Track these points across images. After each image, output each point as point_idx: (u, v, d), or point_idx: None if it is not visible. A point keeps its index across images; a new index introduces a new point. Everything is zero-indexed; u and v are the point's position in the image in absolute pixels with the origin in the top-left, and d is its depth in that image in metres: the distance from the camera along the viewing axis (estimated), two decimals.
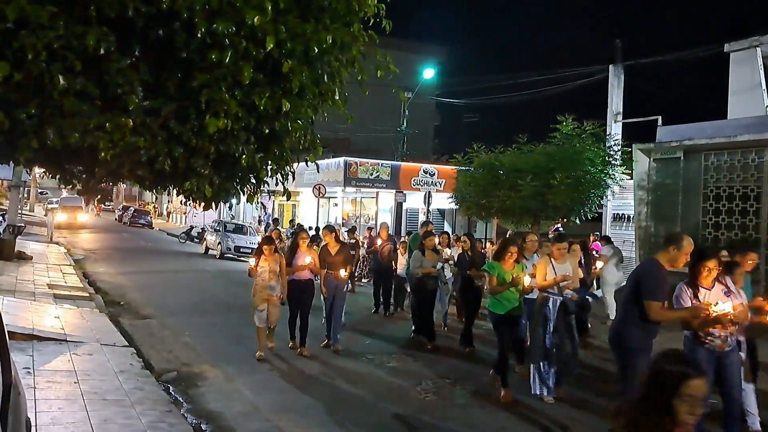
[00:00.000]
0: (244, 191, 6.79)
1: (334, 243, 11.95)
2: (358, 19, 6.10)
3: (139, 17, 4.88)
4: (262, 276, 10.93)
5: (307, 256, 11.34)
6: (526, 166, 19.48)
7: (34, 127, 4.96)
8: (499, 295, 9.29)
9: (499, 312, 9.29)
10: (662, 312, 6.67)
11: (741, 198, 14.94)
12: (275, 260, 11.03)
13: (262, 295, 10.91)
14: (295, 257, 11.38)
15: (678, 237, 6.87)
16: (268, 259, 10.96)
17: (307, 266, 11.30)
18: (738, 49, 18.31)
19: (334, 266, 11.69)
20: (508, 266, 9.40)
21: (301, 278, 11.40)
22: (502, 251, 9.53)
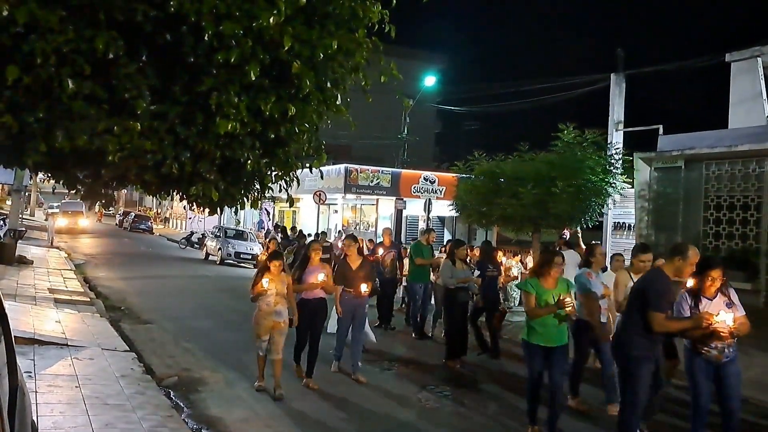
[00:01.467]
0: (249, 197, 6.81)
1: (356, 255, 10.53)
2: (363, 25, 6.13)
3: (147, 22, 4.92)
4: (267, 300, 9.04)
5: (320, 273, 9.72)
6: (527, 174, 19.46)
7: (42, 130, 4.99)
8: (537, 321, 7.70)
9: (538, 342, 7.68)
10: (666, 323, 6.65)
11: (741, 207, 14.96)
12: (282, 280, 9.18)
13: (266, 323, 9.07)
14: (305, 273, 9.80)
15: (683, 248, 6.85)
16: (275, 280, 9.08)
17: (319, 284, 9.72)
18: (739, 59, 18.34)
19: (355, 282, 10.19)
20: (549, 284, 7.84)
21: (312, 297, 9.78)
22: (545, 265, 7.91)
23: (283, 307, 9.19)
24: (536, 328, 7.68)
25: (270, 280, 9.05)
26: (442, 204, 29.44)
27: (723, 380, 6.75)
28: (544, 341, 7.65)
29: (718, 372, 6.74)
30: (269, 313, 9.07)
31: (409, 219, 34.14)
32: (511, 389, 9.99)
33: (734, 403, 6.80)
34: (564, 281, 8.01)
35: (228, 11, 4.90)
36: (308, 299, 9.77)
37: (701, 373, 6.76)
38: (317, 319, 9.96)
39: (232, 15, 4.91)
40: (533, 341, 7.71)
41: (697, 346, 6.76)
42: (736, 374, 6.81)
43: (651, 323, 6.57)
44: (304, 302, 9.72)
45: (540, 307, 7.66)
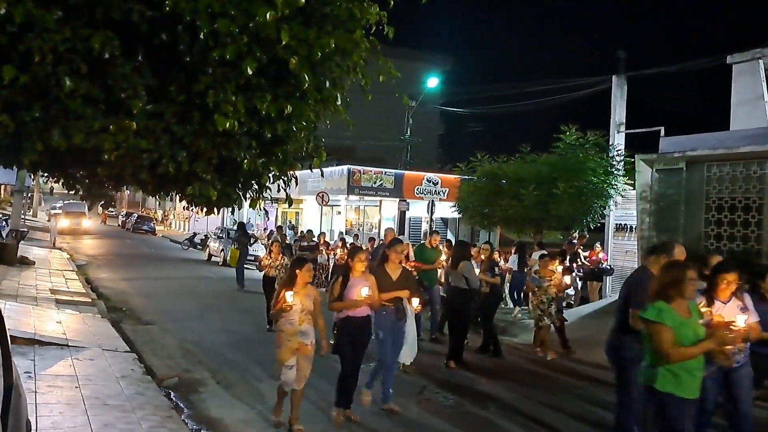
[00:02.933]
0: (246, 197, 6.82)
1: (396, 264, 8.88)
2: (360, 26, 6.14)
3: (143, 21, 4.93)
4: (291, 319, 7.61)
5: (364, 286, 8.07)
6: (529, 176, 19.49)
7: (39, 129, 5.01)
8: (679, 366, 5.31)
9: (683, 395, 5.32)
10: None
11: (743, 209, 14.90)
12: (309, 294, 7.77)
13: (291, 344, 7.65)
14: (348, 287, 8.16)
15: (668, 245, 6.79)
16: (300, 293, 7.65)
17: (365, 300, 8.02)
18: (740, 60, 18.31)
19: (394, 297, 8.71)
20: (683, 310, 5.47)
21: (357, 315, 8.14)
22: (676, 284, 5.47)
23: (310, 327, 7.73)
24: (679, 375, 5.34)
25: (294, 293, 7.59)
26: (445, 205, 29.42)
27: (734, 383, 6.68)
28: (691, 393, 5.39)
29: (729, 375, 6.66)
30: (293, 333, 7.65)
31: (413, 220, 34.13)
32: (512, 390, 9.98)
33: (746, 407, 6.73)
34: (693, 303, 5.78)
35: (223, 10, 4.90)
36: (352, 317, 8.12)
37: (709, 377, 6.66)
38: (361, 340, 8.25)
39: (227, 13, 4.92)
40: (677, 394, 5.34)
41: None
42: (747, 377, 6.74)
43: (633, 322, 6.45)
44: (347, 321, 8.11)
45: (686, 346, 5.32)
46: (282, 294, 7.62)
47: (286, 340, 7.70)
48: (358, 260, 8.26)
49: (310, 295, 7.77)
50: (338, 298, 8.11)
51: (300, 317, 7.63)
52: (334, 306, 8.13)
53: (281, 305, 7.60)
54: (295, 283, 7.66)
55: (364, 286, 8.06)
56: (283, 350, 7.71)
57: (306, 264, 7.87)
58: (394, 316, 8.69)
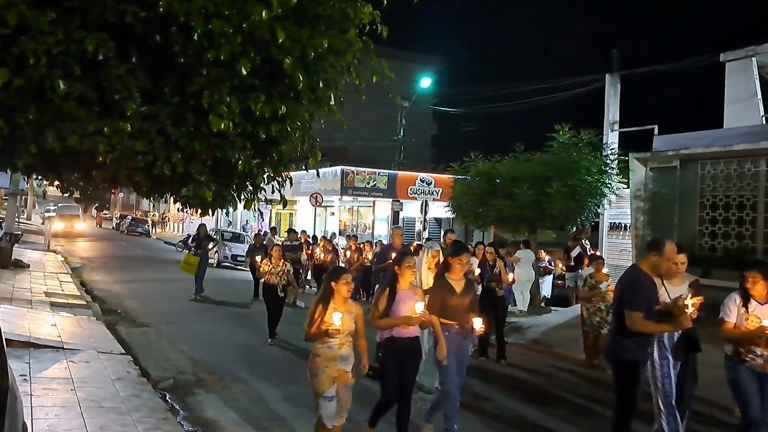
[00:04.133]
0: (241, 198, 6.82)
1: (460, 275, 7.45)
2: (354, 26, 6.14)
3: (137, 23, 4.92)
4: (330, 343, 6.41)
5: (417, 301, 6.93)
6: (522, 175, 19.54)
7: (33, 132, 5.00)
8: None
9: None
10: (643, 322, 6.38)
11: (737, 207, 14.96)
12: (350, 312, 6.53)
13: (329, 372, 6.43)
14: (396, 301, 6.95)
15: (659, 243, 6.66)
16: (341, 308, 6.46)
17: (419, 318, 6.86)
18: (734, 58, 18.38)
19: (458, 313, 7.29)
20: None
21: (405, 335, 6.99)
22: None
23: (350, 350, 6.57)
24: None
25: (332, 307, 6.45)
26: (439, 205, 29.46)
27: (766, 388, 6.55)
28: None
29: (762, 381, 6.53)
30: (332, 358, 6.43)
31: (406, 221, 34.14)
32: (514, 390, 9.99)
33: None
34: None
35: (217, 10, 4.90)
36: (399, 337, 6.97)
37: (748, 381, 6.52)
38: (409, 364, 7.12)
39: (222, 14, 4.92)
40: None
41: (741, 352, 6.54)
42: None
43: (628, 322, 6.36)
44: (394, 342, 6.98)
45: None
46: (319, 312, 6.42)
47: (323, 367, 6.44)
48: (407, 268, 6.99)
49: (352, 312, 6.54)
50: (385, 313, 6.90)
51: (340, 340, 6.43)
52: (382, 323, 6.93)
53: (323, 327, 6.36)
54: (333, 299, 6.46)
55: (415, 300, 6.93)
56: (321, 379, 6.45)
57: (343, 275, 6.57)
58: (459, 336, 7.32)
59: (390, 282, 7.06)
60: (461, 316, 7.24)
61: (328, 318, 6.33)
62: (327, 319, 6.33)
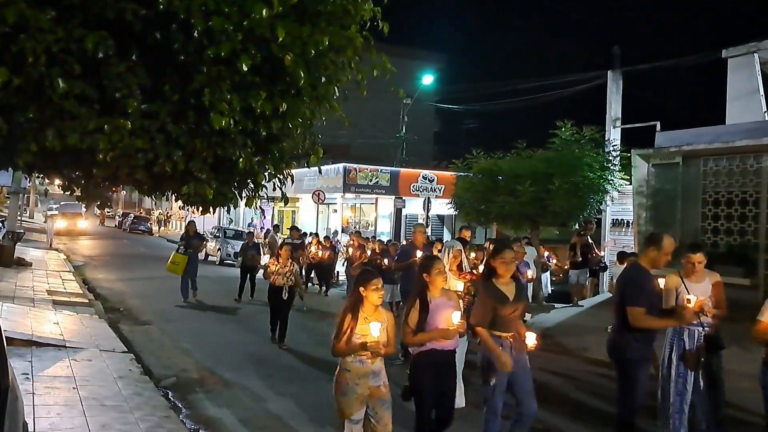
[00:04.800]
0: (242, 196, 6.81)
1: (508, 277, 6.50)
2: (355, 22, 6.13)
3: (137, 20, 4.91)
4: (360, 357, 5.72)
5: (452, 309, 6.13)
6: (525, 172, 19.50)
7: (33, 130, 5.00)
8: None
9: None
10: (645, 318, 6.38)
11: (740, 203, 14.95)
12: (382, 319, 5.81)
13: (360, 390, 5.73)
14: (430, 311, 6.12)
15: (658, 237, 6.67)
16: (372, 317, 5.78)
17: (457, 329, 6.04)
18: (736, 54, 18.34)
19: (512, 323, 6.40)
20: None
21: (442, 348, 6.17)
22: None
23: (382, 364, 5.90)
24: None
25: (362, 316, 5.76)
26: (441, 202, 29.43)
27: None
28: None
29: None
30: (363, 375, 5.73)
31: (409, 218, 34.11)
32: None
33: None
34: None
35: (217, 8, 4.89)
36: (435, 350, 6.13)
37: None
38: (448, 379, 6.33)
39: (222, 11, 4.90)
40: None
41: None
42: None
43: (630, 319, 6.36)
44: (429, 356, 6.14)
45: None
46: (348, 323, 5.74)
47: (353, 384, 5.70)
48: (437, 274, 6.19)
49: (383, 320, 5.79)
50: (419, 328, 6.07)
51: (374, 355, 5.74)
52: (417, 340, 6.08)
53: (357, 340, 5.67)
54: (363, 307, 5.78)
55: (450, 308, 6.13)
56: (350, 399, 5.72)
57: (373, 280, 5.83)
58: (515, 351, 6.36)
59: (420, 291, 6.21)
60: (515, 327, 6.38)
61: (362, 329, 5.66)
62: (359, 330, 5.66)
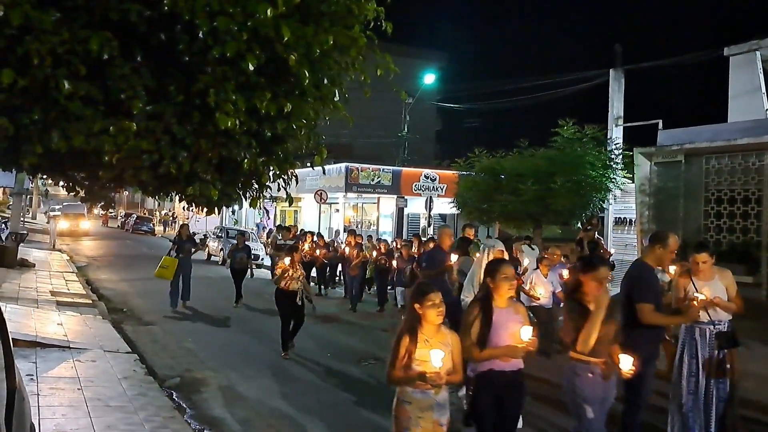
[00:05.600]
0: (247, 196, 6.82)
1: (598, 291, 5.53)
2: (358, 22, 6.14)
3: (141, 22, 4.92)
4: (422, 388, 4.84)
5: (522, 324, 5.28)
6: (527, 171, 19.51)
7: (39, 132, 5.01)
8: None
9: None
10: (654, 314, 6.40)
11: (742, 201, 14.94)
12: (445, 343, 4.92)
13: (424, 423, 4.89)
14: (493, 325, 5.29)
15: (663, 235, 6.69)
16: (433, 339, 4.90)
17: (526, 347, 5.21)
18: (738, 52, 18.34)
19: (601, 347, 5.47)
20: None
21: (506, 369, 5.34)
22: None
23: (447, 394, 5.01)
24: None
25: (422, 338, 4.88)
26: (444, 201, 29.43)
27: None
28: None
29: None
30: (428, 407, 4.88)
31: (411, 217, 34.12)
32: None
33: None
34: None
35: (222, 8, 4.90)
36: (499, 371, 5.31)
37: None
38: (511, 403, 5.46)
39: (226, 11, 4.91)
40: None
41: None
42: None
43: (639, 315, 6.35)
44: (491, 377, 5.33)
45: None
46: (405, 347, 4.86)
47: (416, 418, 4.87)
48: (503, 281, 5.33)
49: (447, 343, 4.91)
50: (481, 342, 5.25)
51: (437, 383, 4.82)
52: (482, 357, 5.23)
53: (415, 369, 4.81)
54: (421, 328, 4.91)
55: (519, 322, 5.30)
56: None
57: (429, 294, 4.93)
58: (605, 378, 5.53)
59: (483, 300, 5.37)
60: (605, 351, 5.50)
61: (421, 354, 4.79)
62: (418, 356, 4.80)
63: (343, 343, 12.32)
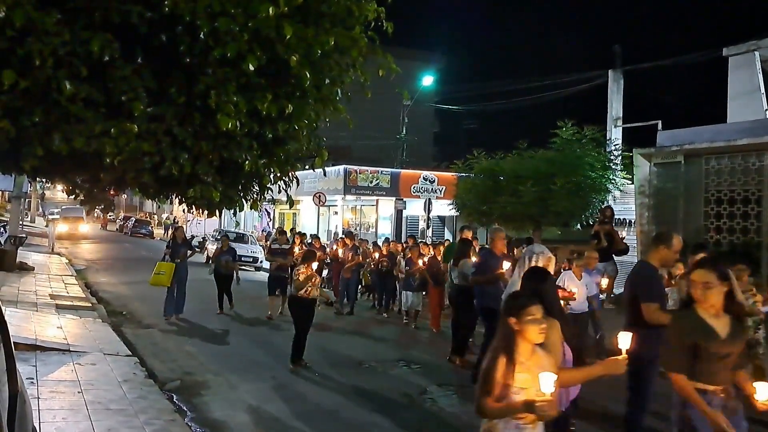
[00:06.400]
0: (248, 198, 6.80)
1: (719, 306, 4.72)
2: (359, 23, 6.13)
3: (142, 23, 4.91)
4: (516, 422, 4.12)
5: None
6: (526, 172, 19.51)
7: (40, 134, 4.99)
8: None
9: None
10: (660, 314, 6.33)
11: (742, 201, 14.94)
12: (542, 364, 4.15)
13: None
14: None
15: (667, 236, 6.70)
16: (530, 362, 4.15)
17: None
18: (737, 53, 18.35)
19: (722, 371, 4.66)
20: None
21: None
22: None
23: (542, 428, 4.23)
24: None
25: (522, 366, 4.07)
26: (443, 203, 29.44)
27: None
28: None
29: None
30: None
31: (409, 219, 34.11)
32: None
33: None
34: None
35: (223, 9, 4.89)
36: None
37: None
38: None
39: (227, 12, 4.90)
40: None
41: None
42: None
43: (645, 315, 6.31)
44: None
45: None
46: (501, 371, 4.03)
47: None
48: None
49: (544, 365, 4.11)
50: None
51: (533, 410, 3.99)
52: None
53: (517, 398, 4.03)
54: (519, 348, 4.12)
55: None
56: None
57: (529, 306, 4.16)
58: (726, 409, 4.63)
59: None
60: (727, 376, 4.66)
61: (521, 380, 4.02)
62: (518, 382, 4.03)
63: (342, 348, 12.28)
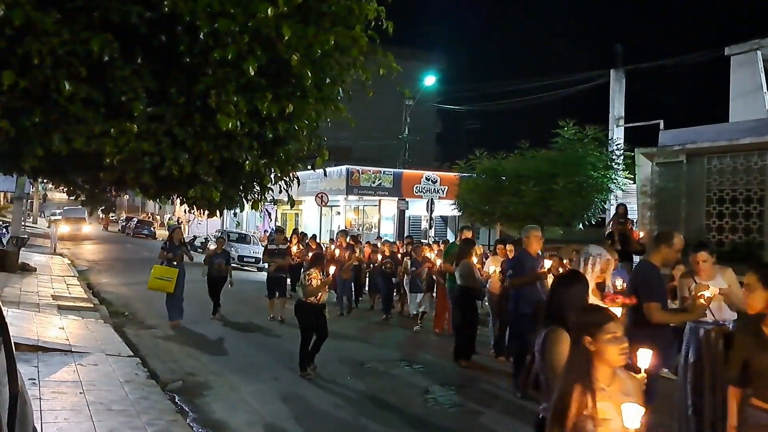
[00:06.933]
0: (248, 198, 6.79)
1: None
2: (359, 22, 6.11)
3: (142, 23, 4.90)
4: None
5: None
6: (528, 172, 19.52)
7: (39, 134, 4.99)
8: None
9: None
10: (662, 313, 6.41)
11: (744, 201, 14.94)
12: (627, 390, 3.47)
13: None
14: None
15: (669, 235, 6.72)
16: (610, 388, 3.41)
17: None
18: (739, 52, 18.35)
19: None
20: None
21: None
22: None
23: None
24: None
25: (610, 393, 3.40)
26: (445, 203, 29.45)
27: None
28: None
29: None
30: None
31: (412, 219, 34.13)
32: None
33: None
34: None
35: (222, 9, 4.88)
36: None
37: None
38: None
39: (227, 12, 4.89)
40: None
41: None
42: None
43: (648, 315, 6.33)
44: None
45: None
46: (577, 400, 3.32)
47: None
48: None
49: (628, 392, 3.48)
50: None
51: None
52: None
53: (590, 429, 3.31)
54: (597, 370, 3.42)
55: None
56: None
57: (607, 323, 3.43)
58: None
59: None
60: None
61: (604, 411, 3.33)
62: (602, 414, 3.32)
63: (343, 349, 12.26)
